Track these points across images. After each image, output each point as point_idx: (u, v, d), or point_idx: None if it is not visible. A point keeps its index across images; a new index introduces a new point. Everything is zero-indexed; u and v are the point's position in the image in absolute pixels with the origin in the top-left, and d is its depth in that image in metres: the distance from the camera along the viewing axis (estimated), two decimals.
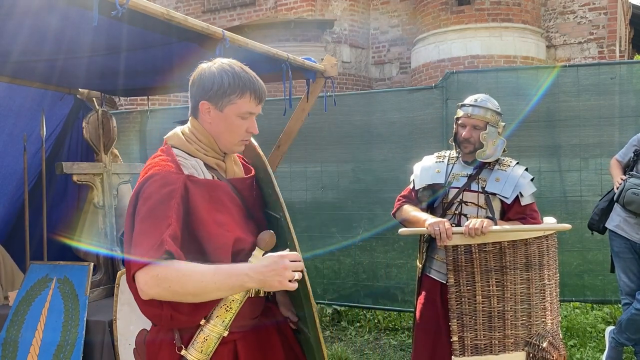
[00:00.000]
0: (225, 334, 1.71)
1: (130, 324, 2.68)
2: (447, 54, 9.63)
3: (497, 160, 2.91)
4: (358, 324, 5.38)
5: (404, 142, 5.30)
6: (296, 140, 4.54)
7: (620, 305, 4.27)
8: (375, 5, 11.53)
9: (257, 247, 1.71)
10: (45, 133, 3.48)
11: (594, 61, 9.25)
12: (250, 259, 1.69)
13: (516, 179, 2.84)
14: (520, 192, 2.82)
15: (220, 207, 1.74)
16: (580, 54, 9.88)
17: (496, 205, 2.86)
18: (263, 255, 1.69)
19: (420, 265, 2.99)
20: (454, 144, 3.02)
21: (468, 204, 2.86)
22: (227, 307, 1.71)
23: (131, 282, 1.62)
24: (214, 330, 1.70)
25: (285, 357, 1.92)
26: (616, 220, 3.91)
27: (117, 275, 2.77)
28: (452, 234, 2.56)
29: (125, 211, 3.99)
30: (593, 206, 4.19)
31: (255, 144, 1.94)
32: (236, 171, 1.87)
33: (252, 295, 1.80)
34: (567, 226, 2.62)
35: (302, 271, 1.65)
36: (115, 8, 1.99)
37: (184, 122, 4.59)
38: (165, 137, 1.85)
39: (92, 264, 2.99)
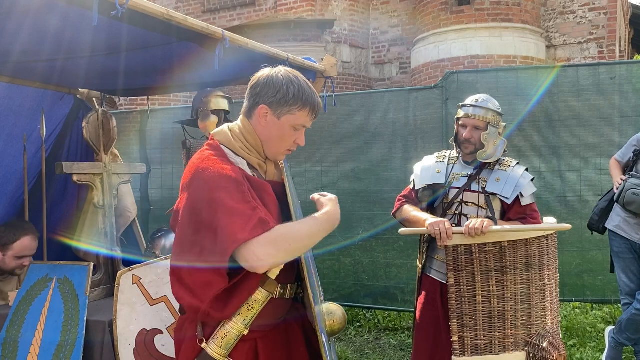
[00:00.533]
0: (246, 332, 1.76)
1: (130, 324, 2.68)
2: (447, 54, 9.63)
3: (497, 161, 2.91)
4: (358, 324, 5.38)
5: (404, 142, 5.30)
6: None
7: (620, 305, 4.27)
8: (375, 5, 11.53)
9: None
10: (45, 133, 3.48)
11: (594, 61, 9.25)
12: None
13: (516, 179, 2.84)
14: (520, 192, 2.82)
15: (264, 206, 1.78)
16: (580, 54, 9.88)
17: (496, 206, 2.86)
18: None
19: (421, 265, 2.99)
20: (454, 144, 3.02)
21: (468, 204, 2.86)
22: (250, 306, 1.76)
23: (226, 252, 1.63)
24: (234, 327, 1.74)
25: (308, 358, 1.94)
26: (616, 220, 3.91)
27: (117, 275, 2.77)
28: (453, 234, 2.56)
29: (125, 211, 4.00)
30: (593, 206, 4.19)
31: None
32: (276, 174, 1.93)
33: (277, 297, 1.84)
34: (567, 226, 2.62)
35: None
36: (115, 8, 1.99)
37: (184, 122, 4.58)
38: (212, 132, 1.89)
39: (92, 264, 2.99)
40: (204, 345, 1.76)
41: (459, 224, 2.81)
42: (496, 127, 2.90)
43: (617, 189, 3.82)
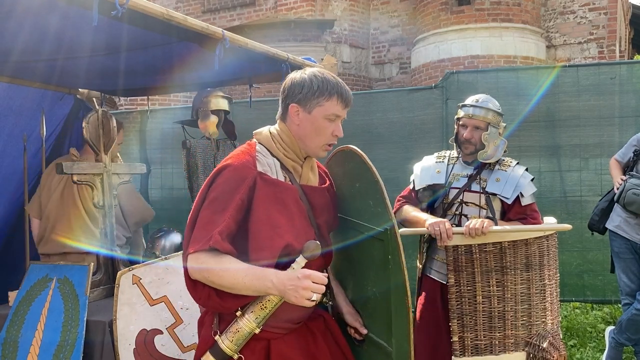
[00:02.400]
0: (257, 330, 1.79)
1: (130, 324, 2.68)
2: (447, 54, 9.63)
3: (497, 161, 2.91)
4: None
5: (404, 142, 5.30)
6: None
7: (620, 306, 4.27)
8: (375, 5, 11.53)
9: (301, 255, 1.77)
10: (45, 133, 3.48)
11: (594, 61, 9.25)
12: (293, 264, 1.77)
13: (517, 179, 2.84)
14: (520, 193, 2.82)
15: (282, 209, 1.81)
16: (580, 54, 9.88)
17: (497, 206, 2.86)
18: (305, 264, 1.76)
19: (421, 266, 2.99)
20: (454, 144, 3.02)
21: (468, 204, 2.86)
22: (263, 305, 1.78)
23: (184, 263, 1.79)
24: (246, 324, 1.78)
25: None
26: (616, 220, 3.91)
27: (117, 275, 2.77)
28: (453, 234, 2.56)
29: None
30: (593, 206, 4.19)
31: (364, 154, 1.95)
32: (310, 178, 1.95)
33: None
34: (568, 226, 2.62)
35: (326, 292, 1.78)
36: (115, 8, 1.99)
37: (184, 122, 4.59)
38: (254, 132, 1.98)
39: (92, 264, 2.99)
40: (217, 337, 1.81)
41: (459, 224, 2.81)
42: (496, 127, 2.89)
43: (618, 189, 3.82)
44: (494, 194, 2.84)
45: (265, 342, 1.84)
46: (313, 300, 1.67)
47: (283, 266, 1.76)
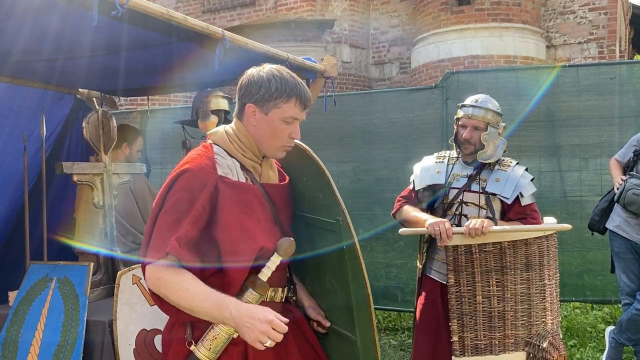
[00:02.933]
0: (235, 335, 1.71)
1: (130, 324, 2.68)
2: (447, 54, 9.63)
3: (497, 161, 2.91)
4: None
5: (404, 142, 5.30)
6: None
7: (620, 306, 4.27)
8: (375, 5, 11.53)
9: (275, 253, 1.75)
10: (45, 133, 3.47)
11: (594, 61, 9.25)
12: (268, 263, 1.74)
13: (516, 179, 2.84)
14: (520, 193, 2.82)
15: (248, 211, 1.77)
16: (580, 54, 9.88)
17: (496, 206, 2.86)
18: (280, 262, 1.75)
19: (421, 266, 2.99)
20: (454, 144, 3.02)
21: (468, 204, 2.86)
22: None
23: (143, 271, 1.72)
24: (224, 329, 1.71)
25: None
26: (616, 220, 3.91)
27: (117, 275, 2.77)
28: (453, 234, 2.56)
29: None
30: (593, 206, 4.19)
31: (307, 147, 1.93)
32: (270, 176, 1.91)
33: (267, 300, 1.82)
34: (567, 226, 2.62)
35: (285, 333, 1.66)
36: (115, 8, 1.99)
37: (184, 122, 4.58)
38: (208, 132, 1.90)
39: (92, 264, 2.99)
40: (192, 347, 1.73)
41: (459, 224, 2.81)
42: (496, 127, 2.89)
43: (618, 189, 3.82)
44: (494, 194, 2.84)
45: (242, 345, 1.76)
46: (265, 345, 1.62)
47: (257, 267, 1.74)
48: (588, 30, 9.86)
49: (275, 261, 1.74)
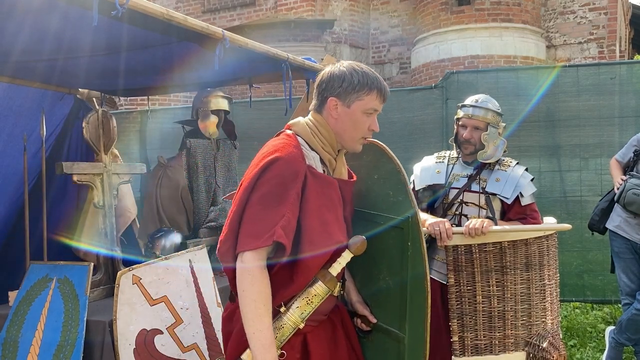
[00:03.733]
0: (302, 325, 1.77)
1: (130, 324, 2.68)
2: (447, 54, 9.63)
3: (497, 161, 2.91)
4: None
5: (404, 142, 5.30)
6: None
7: (620, 306, 4.27)
8: (375, 5, 11.53)
9: (347, 250, 1.79)
10: (45, 133, 3.48)
11: (594, 61, 9.25)
12: (339, 259, 1.79)
13: (516, 179, 2.84)
14: (520, 192, 2.82)
15: (328, 204, 1.80)
16: (580, 54, 9.88)
17: (496, 206, 2.86)
18: (351, 258, 1.81)
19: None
20: (454, 144, 3.02)
21: (468, 204, 2.86)
22: (309, 300, 1.77)
23: (226, 253, 1.71)
24: (291, 319, 1.75)
25: (348, 355, 1.96)
26: (617, 220, 3.91)
27: (117, 275, 2.77)
28: (453, 234, 2.56)
29: (125, 211, 3.99)
30: (593, 206, 4.19)
31: (385, 146, 2.00)
32: (342, 171, 1.95)
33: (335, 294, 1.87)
34: (567, 226, 2.62)
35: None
36: (115, 8, 1.99)
37: (184, 122, 4.57)
38: (289, 122, 1.92)
39: (92, 264, 2.99)
40: None
41: (459, 224, 2.81)
42: (496, 127, 2.89)
43: (618, 189, 3.82)
44: (494, 194, 2.84)
45: (302, 336, 1.82)
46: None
47: (329, 260, 1.79)
48: (588, 30, 9.85)
49: (346, 257, 1.78)
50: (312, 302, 1.77)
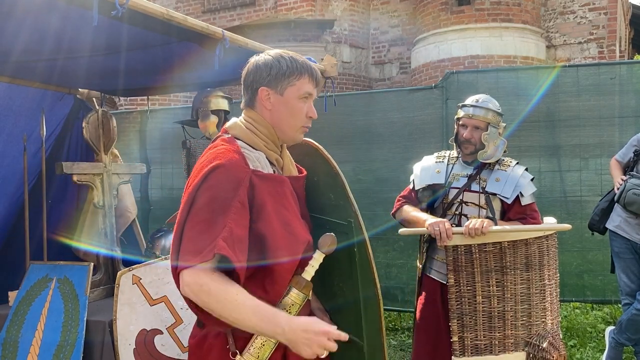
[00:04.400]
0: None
1: (130, 324, 2.68)
2: (447, 54, 9.63)
3: (497, 161, 2.91)
4: None
5: (404, 142, 5.30)
6: None
7: (620, 306, 4.27)
8: (375, 5, 11.53)
9: (317, 250, 1.69)
10: (45, 133, 3.48)
11: (594, 61, 9.25)
12: (310, 262, 1.69)
13: (516, 179, 2.84)
14: (520, 192, 2.82)
15: (285, 203, 1.70)
16: (580, 54, 9.88)
17: (496, 206, 2.86)
18: (323, 259, 1.69)
19: (420, 266, 2.99)
20: (454, 144, 3.02)
21: (468, 204, 2.86)
22: (287, 311, 1.66)
23: (175, 275, 1.59)
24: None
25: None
26: (617, 220, 3.91)
27: (117, 275, 2.77)
28: (452, 234, 2.56)
29: (125, 211, 3.99)
30: (593, 206, 4.19)
31: (320, 146, 1.90)
32: (291, 168, 1.85)
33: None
34: (567, 226, 2.62)
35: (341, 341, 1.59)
36: (115, 8, 1.99)
37: (184, 122, 4.57)
38: (225, 126, 1.80)
39: (92, 264, 2.99)
40: (238, 358, 1.65)
41: (459, 224, 2.81)
42: (496, 127, 2.90)
43: (618, 189, 3.82)
44: (494, 194, 2.84)
45: (282, 350, 1.70)
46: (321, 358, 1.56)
47: (300, 263, 1.69)
48: (588, 30, 9.85)
49: (318, 259, 1.69)
50: (290, 312, 1.66)
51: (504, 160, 2.94)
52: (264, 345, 1.64)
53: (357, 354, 1.83)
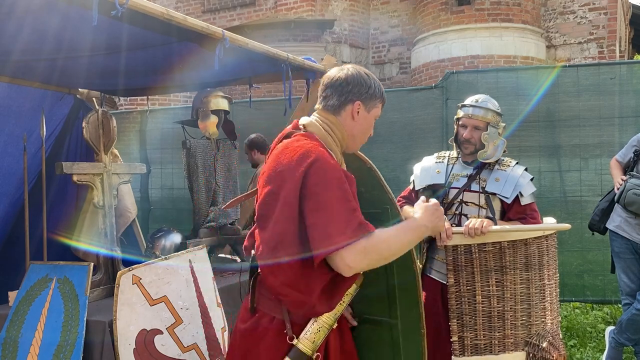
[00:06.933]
0: (335, 325, 1.82)
1: (130, 324, 2.68)
2: (447, 54, 9.63)
3: (497, 161, 2.91)
4: None
5: (404, 142, 5.30)
6: None
7: (620, 306, 4.27)
8: (375, 5, 11.53)
9: None
10: (45, 133, 3.48)
11: (594, 61, 9.25)
12: None
13: (516, 178, 2.84)
14: (520, 192, 2.82)
15: (356, 201, 1.83)
16: (580, 54, 9.88)
17: (496, 205, 2.86)
18: None
19: (421, 266, 2.98)
20: (454, 144, 3.02)
21: (468, 204, 2.86)
22: (342, 300, 1.80)
23: (321, 258, 1.68)
24: (327, 321, 1.78)
25: (353, 346, 1.99)
26: (617, 220, 3.91)
27: (117, 275, 2.77)
28: (453, 233, 2.56)
29: (125, 211, 3.98)
30: (593, 206, 4.19)
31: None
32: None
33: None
34: (567, 226, 2.62)
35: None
36: (114, 8, 1.99)
37: (184, 122, 4.57)
38: (301, 122, 1.91)
39: (92, 264, 2.99)
40: (295, 341, 1.76)
41: (459, 224, 2.81)
42: (496, 127, 2.90)
43: (618, 189, 3.82)
44: (494, 194, 2.84)
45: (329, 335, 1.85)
46: None
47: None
48: (588, 30, 9.85)
49: None
50: (344, 301, 1.81)
51: (503, 160, 2.94)
52: (319, 330, 1.77)
53: (391, 334, 1.96)
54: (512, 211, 2.83)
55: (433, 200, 1.89)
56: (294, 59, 3.39)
